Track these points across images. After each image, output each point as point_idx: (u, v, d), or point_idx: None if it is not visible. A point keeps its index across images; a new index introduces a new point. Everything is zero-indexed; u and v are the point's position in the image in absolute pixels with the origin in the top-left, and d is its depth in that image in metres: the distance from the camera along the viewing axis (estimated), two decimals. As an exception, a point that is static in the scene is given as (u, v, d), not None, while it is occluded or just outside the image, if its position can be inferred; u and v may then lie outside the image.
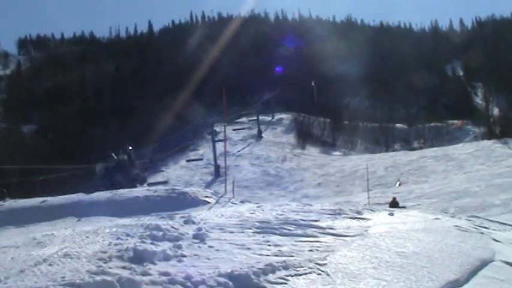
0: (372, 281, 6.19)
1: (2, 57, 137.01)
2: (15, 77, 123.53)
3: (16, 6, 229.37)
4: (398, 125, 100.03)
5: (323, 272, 6.41)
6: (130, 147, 17.88)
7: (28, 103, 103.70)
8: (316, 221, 9.91)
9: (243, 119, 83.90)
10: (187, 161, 67.38)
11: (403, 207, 26.94)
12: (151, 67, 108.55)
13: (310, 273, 6.36)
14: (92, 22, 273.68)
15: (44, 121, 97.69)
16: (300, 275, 6.29)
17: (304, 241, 8.22)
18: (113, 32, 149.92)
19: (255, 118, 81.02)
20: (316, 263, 6.69)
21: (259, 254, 7.17)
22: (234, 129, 75.58)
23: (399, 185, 46.67)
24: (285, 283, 6.04)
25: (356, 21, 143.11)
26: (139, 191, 18.36)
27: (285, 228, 9.03)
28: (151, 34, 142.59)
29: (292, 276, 6.24)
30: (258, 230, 8.89)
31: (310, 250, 7.53)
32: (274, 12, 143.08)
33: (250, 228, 9.00)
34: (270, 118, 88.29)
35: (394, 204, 29.45)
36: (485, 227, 11.99)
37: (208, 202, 17.87)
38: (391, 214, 11.96)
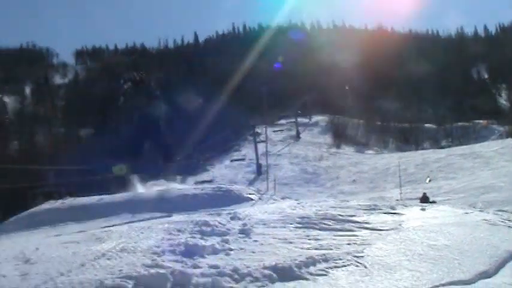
0: (407, 272, 6.13)
1: (61, 67, 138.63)
2: (72, 85, 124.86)
3: (73, 20, 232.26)
4: (427, 125, 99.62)
5: (361, 264, 6.37)
6: (141, 72, 15.60)
7: (84, 109, 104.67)
8: (353, 216, 9.84)
9: (282, 121, 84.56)
10: (231, 160, 67.82)
11: (433, 202, 26.72)
12: (197, 74, 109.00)
13: (349, 265, 6.32)
14: (142, 34, 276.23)
15: (99, 125, 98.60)
16: (339, 267, 6.25)
17: (342, 235, 8.17)
18: (162, 43, 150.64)
19: (293, 120, 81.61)
20: (354, 256, 6.64)
21: (301, 248, 7.14)
22: (274, 131, 75.94)
23: (429, 181, 46.35)
24: (326, 275, 6.00)
25: (386, 29, 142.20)
26: (188, 189, 18.38)
27: (324, 223, 8.97)
28: (196, 44, 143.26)
29: (332, 268, 6.20)
30: (299, 225, 8.84)
31: (348, 243, 7.48)
32: (310, 22, 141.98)
33: (291, 224, 8.96)
34: (307, 120, 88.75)
35: (424, 199, 29.24)
36: (512, 221, 11.83)
37: (252, 199, 17.79)
38: (423, 209, 11.82)
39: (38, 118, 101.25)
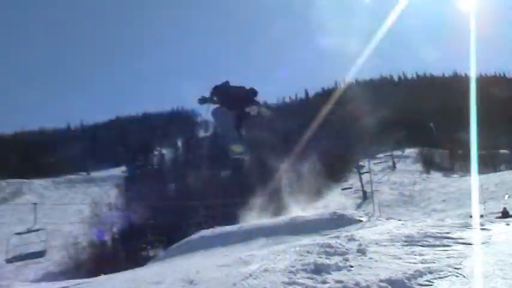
0: (500, 280, 5.91)
1: (204, 124, 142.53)
2: (213, 138, 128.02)
3: (197, 85, 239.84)
4: (502, 151, 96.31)
5: (460, 274, 6.22)
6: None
7: (225, 156, 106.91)
8: (448, 233, 9.59)
9: (380, 155, 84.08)
10: (342, 189, 67.63)
11: (513, 215, 25.91)
12: (311, 123, 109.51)
13: (450, 276, 6.19)
14: (265, 92, 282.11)
15: (235, 167, 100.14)
16: (442, 277, 6.14)
17: (442, 250, 7.98)
18: (281, 99, 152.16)
19: (389, 154, 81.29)
20: (453, 268, 6.50)
21: (408, 262, 7.04)
22: (374, 163, 75.23)
23: (508, 197, 44.50)
24: (431, 285, 5.91)
25: (460, 75, 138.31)
26: (311, 215, 18.51)
27: (425, 241, 8.79)
28: (307, 98, 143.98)
29: (436, 279, 6.10)
30: (405, 243, 8.71)
31: (448, 257, 7.30)
32: (397, 74, 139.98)
33: (398, 242, 8.83)
34: (400, 152, 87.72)
35: (504, 213, 28.11)
36: None
37: (361, 221, 17.73)
38: (507, 224, 11.36)
39: (188, 164, 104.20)
